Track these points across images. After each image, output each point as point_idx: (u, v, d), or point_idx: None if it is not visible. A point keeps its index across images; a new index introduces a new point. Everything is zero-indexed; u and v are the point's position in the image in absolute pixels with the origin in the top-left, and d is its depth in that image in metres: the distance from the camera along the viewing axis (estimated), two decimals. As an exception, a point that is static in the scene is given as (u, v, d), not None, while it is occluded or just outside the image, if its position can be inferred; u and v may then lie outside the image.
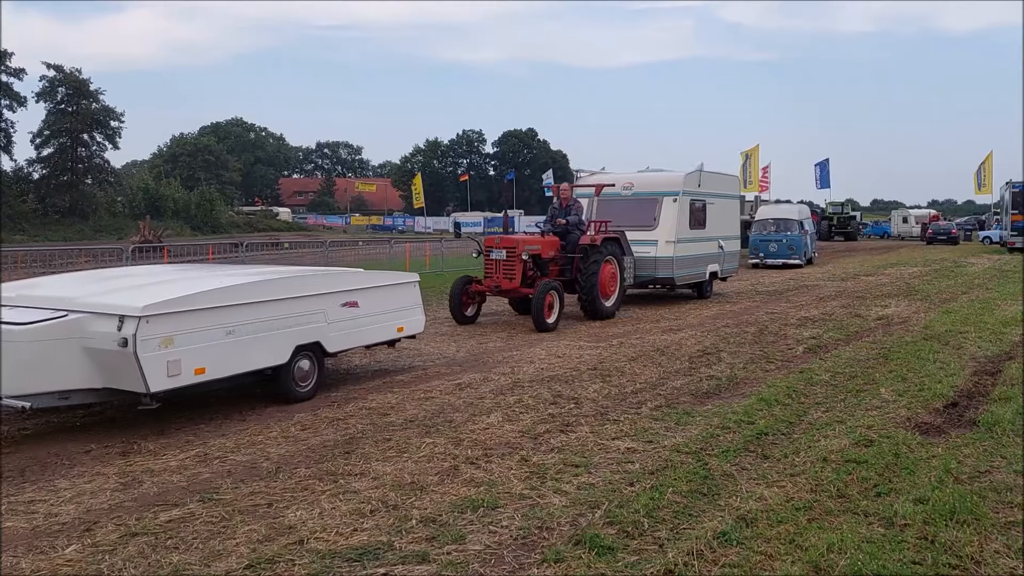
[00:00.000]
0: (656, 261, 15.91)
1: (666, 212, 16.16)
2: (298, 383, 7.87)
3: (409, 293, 9.40)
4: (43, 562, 4.27)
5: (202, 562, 4.26)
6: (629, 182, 16.73)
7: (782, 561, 4.24)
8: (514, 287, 13.17)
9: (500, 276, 13.18)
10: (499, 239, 13.36)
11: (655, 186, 16.59)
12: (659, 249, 15.93)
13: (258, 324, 7.28)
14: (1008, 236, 35.58)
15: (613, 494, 5.24)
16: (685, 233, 16.27)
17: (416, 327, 9.51)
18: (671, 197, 16.21)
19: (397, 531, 4.65)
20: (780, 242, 28.26)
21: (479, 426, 6.94)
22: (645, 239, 15.93)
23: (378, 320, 8.80)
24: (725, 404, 7.72)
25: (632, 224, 15.85)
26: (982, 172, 50.22)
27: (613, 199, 16.51)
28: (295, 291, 7.77)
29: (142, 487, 5.46)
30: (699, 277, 17.32)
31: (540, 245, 13.59)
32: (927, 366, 9.39)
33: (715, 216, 17.54)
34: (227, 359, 7.02)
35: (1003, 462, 5.86)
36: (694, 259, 16.76)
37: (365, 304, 8.56)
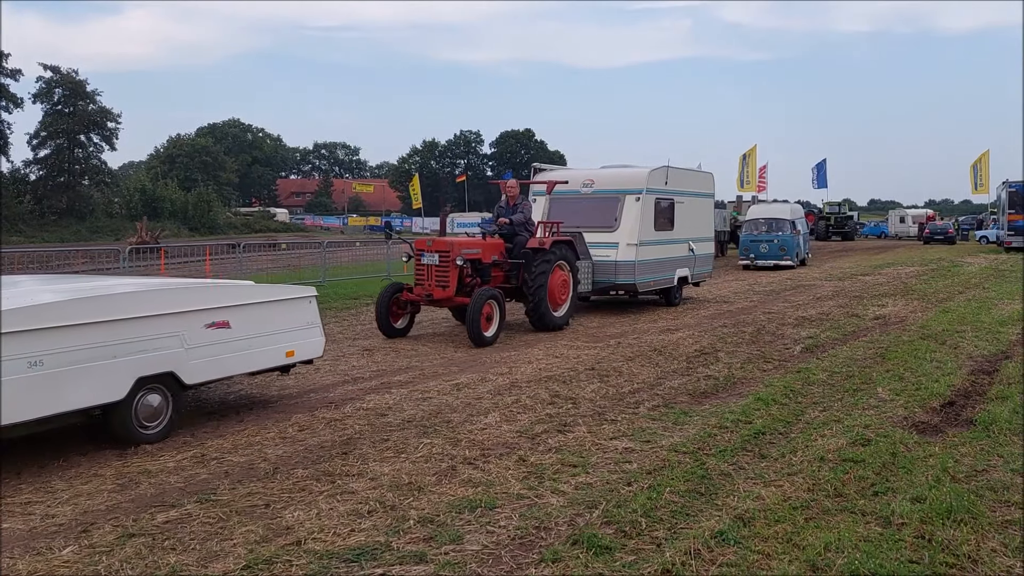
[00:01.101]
0: (616, 266, 14.44)
1: (628, 212, 14.76)
2: (142, 423, 6.43)
3: (302, 311, 7.95)
4: (40, 563, 4.27)
5: (199, 563, 4.26)
6: (589, 179, 15.47)
7: (779, 560, 4.25)
8: (448, 296, 11.73)
9: (432, 284, 11.75)
10: (431, 242, 12.06)
11: (616, 183, 15.22)
12: (620, 252, 14.48)
13: (79, 352, 5.86)
14: (1005, 236, 35.63)
15: (611, 494, 5.24)
16: (649, 234, 14.89)
17: (311, 350, 8.07)
18: (633, 195, 14.79)
19: (395, 531, 4.65)
20: (771, 243, 27.51)
21: (477, 426, 6.94)
22: (605, 241, 14.57)
23: (258, 343, 7.38)
24: (722, 404, 7.73)
25: (592, 225, 14.69)
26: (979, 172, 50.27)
27: (571, 198, 15.33)
28: (138, 309, 6.35)
29: (139, 488, 5.46)
30: (666, 283, 15.86)
31: (480, 248, 12.19)
32: (924, 365, 9.41)
33: (685, 216, 16.18)
34: (28, 399, 5.55)
35: (1000, 461, 5.87)
36: (660, 263, 15.33)
37: (240, 324, 7.17)
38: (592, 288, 14.36)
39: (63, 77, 61.82)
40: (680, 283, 16.36)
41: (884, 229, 63.89)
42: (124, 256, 15.84)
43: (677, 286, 16.25)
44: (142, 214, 55.40)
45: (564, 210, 15.03)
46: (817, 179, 58.68)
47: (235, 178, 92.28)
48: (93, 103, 63.17)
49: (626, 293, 15.37)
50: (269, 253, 29.15)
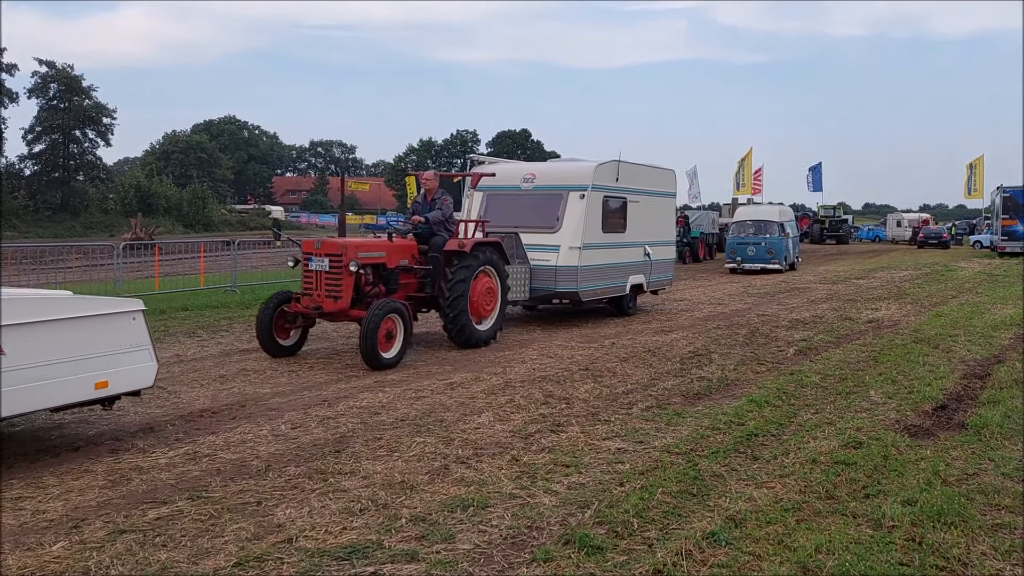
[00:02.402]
0: (557, 271, 12.93)
1: (571, 211, 13.20)
2: None
3: (121, 330, 6.27)
4: (30, 559, 4.25)
5: (190, 560, 4.25)
6: (530, 173, 13.96)
7: (770, 562, 4.26)
8: (341, 308, 9.88)
9: (322, 294, 9.93)
10: (320, 243, 10.13)
11: (559, 179, 13.77)
12: (561, 256, 12.96)
13: None
14: (999, 240, 35.77)
15: (603, 494, 5.25)
16: (595, 237, 13.42)
17: (135, 379, 6.43)
18: (578, 192, 13.25)
19: (387, 530, 4.64)
20: (758, 245, 26.69)
21: (470, 426, 6.94)
22: (545, 243, 13.05)
23: (49, 373, 5.72)
24: (715, 405, 7.74)
25: (532, 225, 13.24)
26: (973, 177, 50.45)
27: (510, 194, 13.84)
28: None
29: (131, 485, 5.44)
30: (616, 291, 14.32)
31: (385, 251, 10.45)
32: (917, 369, 9.43)
33: (639, 217, 14.69)
34: None
35: (991, 464, 5.89)
36: (608, 269, 13.84)
37: (19, 349, 5.52)
38: (529, 296, 12.88)
39: (58, 72, 61.67)
40: (634, 291, 14.95)
41: (879, 233, 63.99)
42: (119, 252, 15.80)
43: (630, 294, 14.84)
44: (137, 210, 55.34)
45: (502, 208, 13.71)
46: (812, 182, 58.85)
47: (230, 175, 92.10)
48: (88, 99, 63.04)
49: (569, 302, 13.90)
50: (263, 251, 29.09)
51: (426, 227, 11.09)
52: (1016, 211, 34.95)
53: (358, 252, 10.00)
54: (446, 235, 11.13)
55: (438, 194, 11.37)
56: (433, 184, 11.46)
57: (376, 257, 10.35)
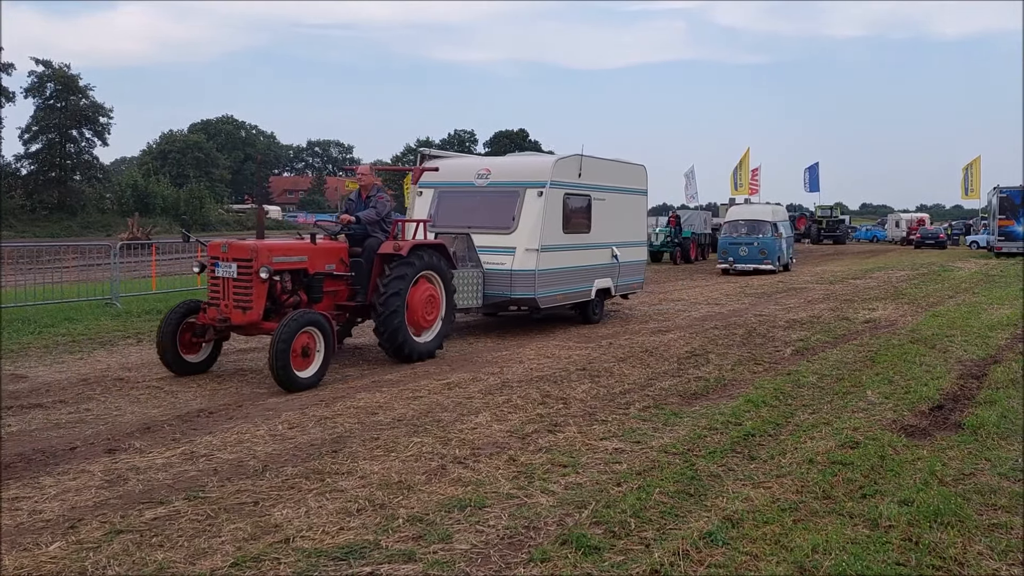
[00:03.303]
0: (512, 276, 11.86)
1: (528, 209, 12.15)
2: None
3: None
4: (27, 559, 4.24)
5: (187, 560, 4.24)
6: (485, 168, 12.83)
7: (767, 562, 4.26)
8: (251, 320, 8.68)
9: (229, 303, 8.71)
10: (227, 246, 8.82)
11: (515, 175, 12.69)
12: (517, 260, 11.90)
13: None
14: (995, 241, 35.84)
15: (600, 494, 5.25)
16: (555, 238, 12.38)
17: None
18: (535, 189, 12.20)
19: (384, 530, 4.64)
20: (751, 245, 26.06)
21: (467, 426, 6.94)
22: (499, 245, 12.02)
23: None
24: (713, 405, 7.75)
25: (486, 225, 12.29)
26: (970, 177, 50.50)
27: (463, 191, 12.84)
28: None
29: (127, 484, 5.44)
30: (580, 296, 13.31)
31: (306, 255, 9.23)
32: (913, 369, 9.45)
33: (605, 216, 13.69)
34: None
35: (987, 464, 5.90)
36: (570, 273, 12.81)
37: None
38: (482, 304, 11.90)
39: (55, 72, 61.59)
40: (600, 296, 13.94)
41: (877, 233, 63.82)
42: (115, 252, 15.77)
43: (596, 300, 13.82)
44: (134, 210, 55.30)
45: (454, 206, 12.76)
46: (809, 182, 58.86)
47: (228, 175, 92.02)
48: (85, 98, 62.98)
49: (527, 310, 12.82)
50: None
51: (360, 227, 9.99)
52: (1013, 211, 35.02)
53: (271, 256, 8.78)
54: (382, 236, 10.00)
55: (374, 190, 10.31)
56: (369, 180, 10.42)
57: (295, 262, 9.12)
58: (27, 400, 7.81)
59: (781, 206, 33.75)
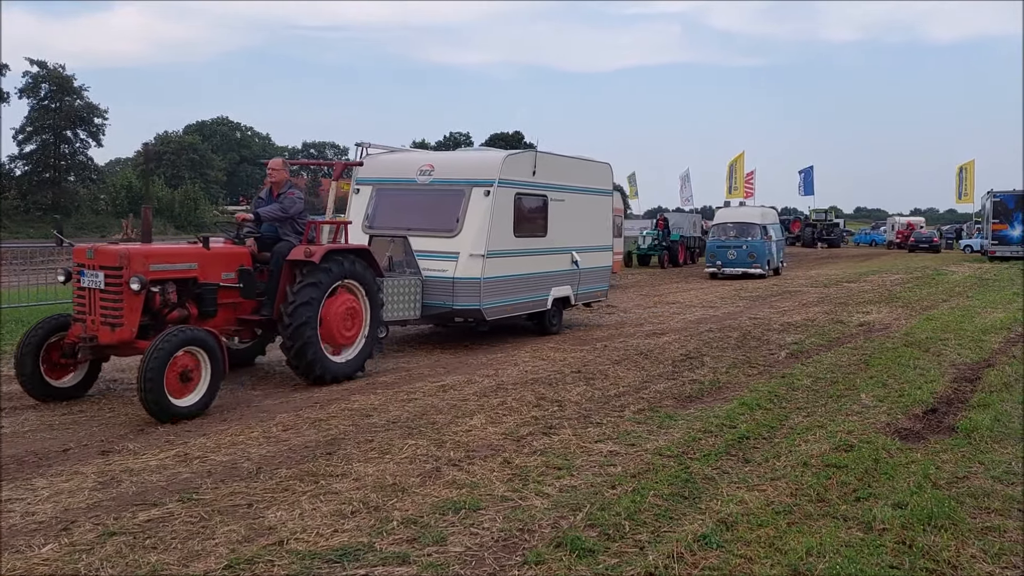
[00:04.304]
0: (455, 285, 10.74)
1: (474, 210, 11.02)
2: None
3: None
4: (19, 561, 4.23)
5: (180, 562, 4.23)
6: (428, 164, 11.68)
7: (762, 564, 4.27)
8: (122, 339, 7.39)
9: (96, 319, 7.44)
10: (93, 251, 7.55)
11: (461, 171, 11.57)
12: (460, 266, 10.80)
13: None
14: (989, 245, 35.96)
15: (595, 497, 5.25)
16: (505, 242, 11.30)
17: None
18: (482, 188, 11.06)
19: (378, 532, 4.64)
20: (740, 248, 25.35)
21: (462, 428, 6.93)
22: (441, 250, 10.90)
23: None
24: (707, 408, 7.75)
25: (427, 227, 11.19)
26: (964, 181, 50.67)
27: (404, 189, 11.72)
28: None
29: (121, 486, 5.42)
30: (534, 306, 12.18)
31: (195, 261, 7.99)
32: (907, 372, 9.47)
33: (565, 218, 12.65)
34: None
35: (981, 468, 5.91)
36: (522, 280, 11.72)
37: None
38: (420, 315, 10.77)
39: (50, 72, 61.44)
40: (558, 305, 12.86)
41: (876, 237, 63.32)
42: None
43: (553, 309, 12.71)
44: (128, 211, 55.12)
45: (393, 205, 11.68)
46: (804, 186, 58.96)
47: (223, 176, 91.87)
48: (80, 99, 62.82)
49: (473, 321, 11.61)
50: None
51: (271, 230, 8.84)
52: (1006, 215, 35.15)
53: (147, 263, 7.52)
54: (295, 240, 8.83)
55: (285, 187, 9.10)
56: (281, 175, 9.17)
57: (180, 270, 7.86)
58: (20, 402, 7.78)
59: (772, 209, 33.16)
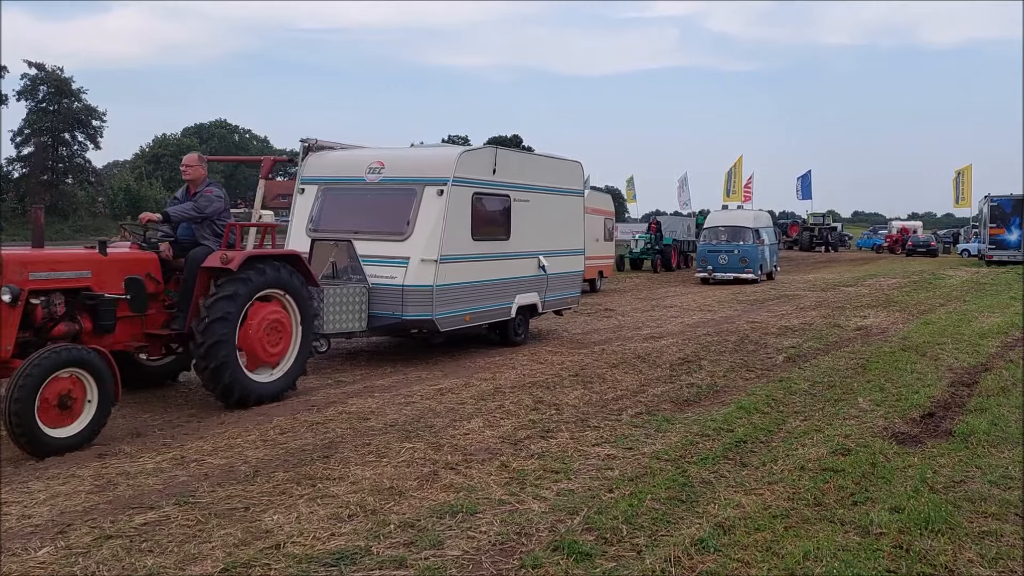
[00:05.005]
0: (405, 293, 9.80)
1: (426, 212, 10.13)
2: None
3: None
4: (15, 564, 4.22)
5: (177, 566, 4.22)
6: (378, 162, 10.68)
7: (759, 568, 4.27)
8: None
9: None
10: None
11: (413, 169, 10.60)
12: (410, 273, 9.85)
13: None
14: (986, 249, 36.03)
15: (592, 500, 5.25)
16: (461, 246, 10.40)
17: None
18: (435, 187, 10.18)
19: (375, 536, 4.63)
20: (731, 253, 24.69)
21: (459, 431, 6.93)
22: (390, 255, 9.98)
23: None
24: (705, 412, 7.75)
25: (376, 230, 10.30)
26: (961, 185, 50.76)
27: (353, 188, 10.81)
28: None
29: (117, 489, 5.41)
30: (496, 315, 11.29)
31: (88, 268, 7.02)
32: (904, 376, 9.48)
33: (530, 220, 11.77)
34: None
35: (978, 472, 5.92)
36: (481, 288, 10.83)
37: None
38: (366, 326, 9.86)
39: (48, 74, 61.37)
40: (524, 314, 12.00)
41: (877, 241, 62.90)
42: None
43: (518, 318, 11.82)
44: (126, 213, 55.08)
45: (340, 206, 10.84)
46: (801, 190, 59.06)
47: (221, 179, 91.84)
48: (78, 101, 62.76)
49: (426, 333, 10.69)
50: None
51: (187, 234, 7.97)
52: (1004, 220, 35.23)
53: (25, 271, 6.56)
54: (213, 245, 7.90)
55: (202, 185, 8.21)
56: (197, 172, 8.25)
57: (68, 278, 6.91)
58: (17, 404, 7.75)
59: (764, 212, 32.63)
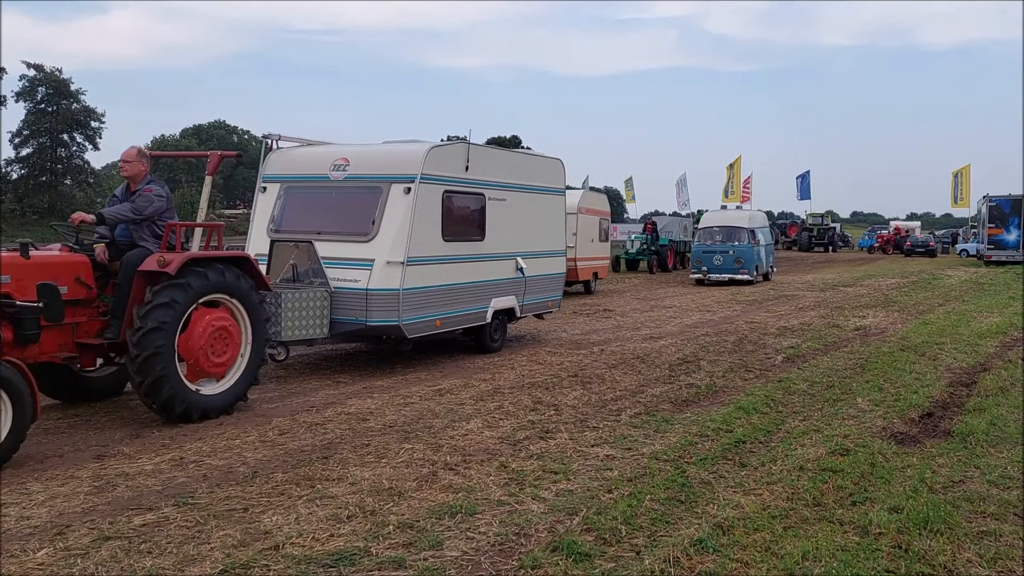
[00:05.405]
0: (368, 297, 9.20)
1: (392, 210, 9.53)
2: None
3: None
4: (14, 566, 4.22)
5: (176, 567, 4.22)
6: (343, 158, 10.13)
7: (758, 568, 4.27)
8: None
9: None
10: None
11: (379, 166, 10.02)
12: (375, 276, 9.26)
13: None
14: (985, 249, 36.06)
15: (591, 501, 5.25)
16: (431, 247, 9.81)
17: None
18: (402, 185, 9.59)
19: (374, 536, 4.63)
20: (726, 254, 24.28)
21: (458, 432, 6.93)
22: (354, 257, 9.41)
23: None
24: (704, 412, 7.76)
25: (340, 230, 9.72)
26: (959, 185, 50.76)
27: (316, 186, 10.25)
28: None
29: (116, 491, 5.41)
30: (470, 320, 10.73)
31: (8, 273, 6.45)
32: (903, 377, 9.48)
33: (508, 220, 11.24)
34: None
35: (977, 472, 5.92)
36: (453, 292, 10.25)
37: None
38: (328, 333, 9.27)
39: (47, 76, 61.36)
40: (500, 318, 11.41)
41: None
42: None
43: (495, 323, 11.29)
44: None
45: (303, 205, 10.29)
46: (800, 190, 59.08)
47: (220, 180, 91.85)
48: (77, 102, 62.74)
49: (393, 340, 10.07)
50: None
51: (124, 235, 7.43)
52: (1002, 220, 35.26)
53: None
54: (153, 246, 7.36)
55: (143, 182, 7.60)
56: (136, 168, 7.64)
57: None
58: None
59: (759, 212, 32.25)
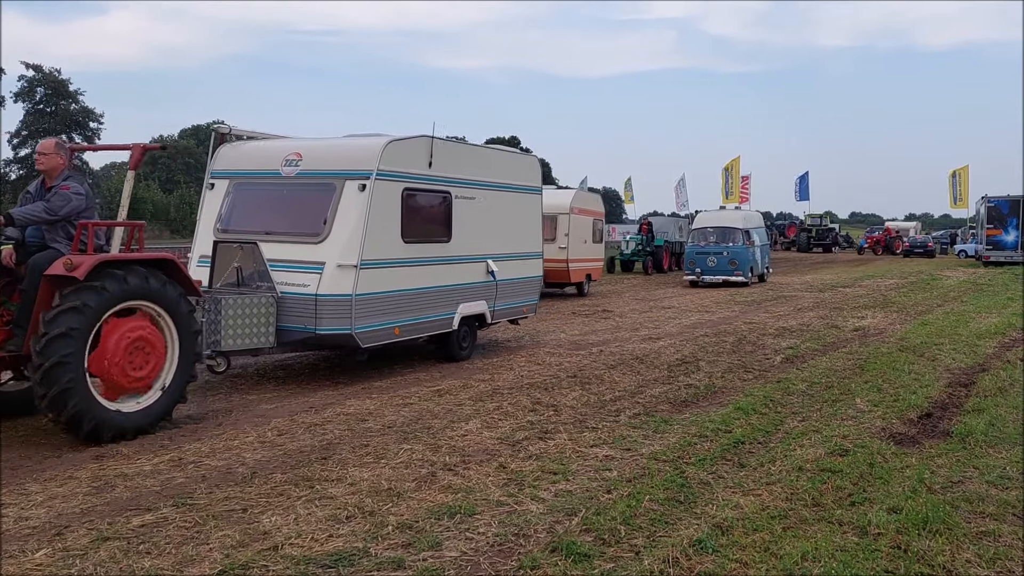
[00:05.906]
0: (318, 303, 8.54)
1: (346, 209, 8.88)
2: None
3: None
4: (12, 566, 4.21)
5: (175, 567, 4.22)
6: (296, 153, 9.43)
7: (757, 569, 4.27)
8: None
9: None
10: None
11: (332, 161, 9.30)
12: (325, 280, 8.61)
13: None
14: (983, 250, 36.08)
15: (590, 501, 5.25)
16: (387, 249, 9.13)
17: None
18: (357, 182, 8.92)
19: (373, 537, 4.63)
20: (720, 255, 23.78)
21: (457, 432, 6.93)
22: (303, 260, 8.76)
23: None
24: (703, 412, 7.76)
25: (289, 230, 9.08)
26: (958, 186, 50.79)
27: (267, 182, 9.58)
28: None
29: (115, 491, 5.40)
30: (434, 327, 10.04)
31: None
32: (902, 377, 9.49)
33: (476, 220, 10.56)
34: None
35: (976, 472, 5.92)
36: (414, 297, 9.53)
37: None
38: (274, 342, 8.55)
39: (45, 76, 61.40)
40: (468, 324, 10.67)
41: None
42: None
43: (463, 330, 10.55)
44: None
45: (252, 203, 9.61)
46: (799, 191, 59.11)
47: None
48: (76, 103, 62.77)
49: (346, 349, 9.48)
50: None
51: (35, 236, 6.84)
52: (1001, 221, 35.28)
53: None
54: (65, 248, 6.74)
55: (59, 178, 6.91)
56: (53, 162, 6.96)
57: None
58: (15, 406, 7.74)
59: (754, 212, 31.75)
